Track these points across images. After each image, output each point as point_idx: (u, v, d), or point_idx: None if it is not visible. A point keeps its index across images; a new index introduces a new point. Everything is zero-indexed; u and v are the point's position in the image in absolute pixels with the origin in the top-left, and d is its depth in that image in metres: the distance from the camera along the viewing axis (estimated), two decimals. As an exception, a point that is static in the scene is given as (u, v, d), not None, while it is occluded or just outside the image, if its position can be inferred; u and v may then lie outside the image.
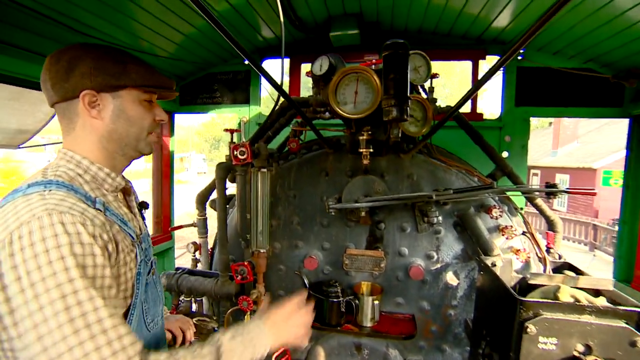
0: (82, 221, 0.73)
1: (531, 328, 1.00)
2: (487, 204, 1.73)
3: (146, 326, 0.96)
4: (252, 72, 2.82)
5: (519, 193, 1.97)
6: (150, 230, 3.05)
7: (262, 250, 1.69)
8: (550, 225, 1.92)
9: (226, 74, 2.86)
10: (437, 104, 1.95)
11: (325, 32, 2.36)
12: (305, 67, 2.77)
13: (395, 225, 1.84)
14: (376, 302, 1.74)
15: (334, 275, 1.88)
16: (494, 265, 1.46)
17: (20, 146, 2.61)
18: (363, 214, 1.61)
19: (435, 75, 1.88)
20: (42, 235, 0.68)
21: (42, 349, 0.64)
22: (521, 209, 1.96)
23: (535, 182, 18.44)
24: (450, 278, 1.79)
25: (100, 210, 0.83)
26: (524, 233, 1.74)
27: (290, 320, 1.04)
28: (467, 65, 2.67)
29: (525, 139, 2.49)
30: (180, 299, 1.90)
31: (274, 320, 1.00)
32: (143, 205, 1.19)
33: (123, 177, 1.03)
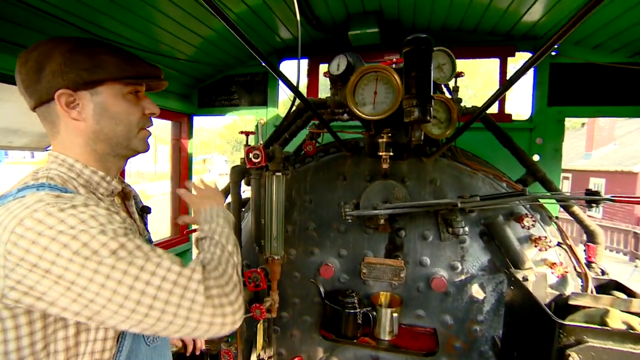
0: (93, 202, 0.71)
1: (574, 357, 0.88)
2: (518, 212, 1.59)
3: (145, 340, 0.89)
4: (269, 74, 2.80)
5: (554, 201, 1.81)
6: (168, 232, 3.09)
7: (276, 257, 1.64)
8: (590, 236, 1.74)
9: (244, 76, 2.84)
10: (462, 104, 1.84)
11: (344, 31, 2.30)
12: (324, 68, 2.71)
13: (416, 233, 1.74)
14: (395, 314, 1.64)
15: (351, 284, 1.80)
16: (525, 279, 1.33)
17: (48, 148, 2.70)
18: (382, 221, 1.53)
19: (460, 74, 1.77)
20: (57, 217, 0.64)
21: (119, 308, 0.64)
22: (556, 217, 1.80)
23: (565, 186, 17.53)
24: (475, 291, 1.67)
25: None
26: (559, 244, 1.59)
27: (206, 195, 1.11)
28: (492, 65, 2.53)
29: (559, 141, 2.31)
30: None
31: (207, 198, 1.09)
32: (145, 210, 1.11)
33: (122, 180, 0.97)
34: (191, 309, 0.67)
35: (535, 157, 2.29)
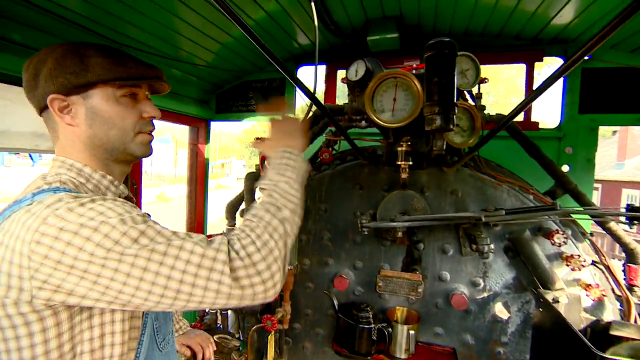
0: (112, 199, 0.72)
1: (616, 396, 0.78)
2: (548, 227, 1.48)
3: (157, 346, 0.89)
4: (287, 80, 2.79)
5: (588, 216, 1.68)
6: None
7: (289, 267, 1.60)
8: (630, 255, 1.56)
9: (261, 82, 2.85)
10: (486, 111, 1.75)
11: (362, 36, 2.26)
12: (342, 74, 2.67)
13: (435, 247, 1.65)
14: (412, 331, 1.56)
15: (366, 297, 1.73)
16: (556, 301, 1.23)
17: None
18: (400, 234, 1.46)
19: (484, 80, 1.69)
20: (77, 212, 0.65)
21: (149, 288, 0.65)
22: (590, 234, 1.67)
23: (595, 197, 16.65)
24: (499, 310, 1.56)
25: None
26: (594, 263, 1.47)
27: (284, 132, 1.05)
28: (515, 71, 2.41)
29: (591, 151, 2.17)
30: (206, 310, 1.86)
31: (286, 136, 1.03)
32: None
33: (124, 186, 0.96)
34: (218, 290, 0.68)
35: (565, 168, 2.16)
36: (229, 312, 1.88)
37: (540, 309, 1.22)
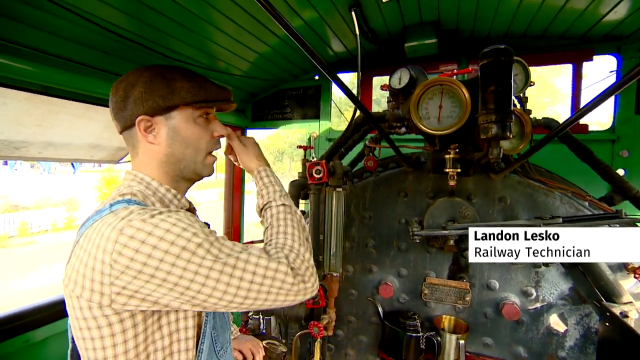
0: (181, 212, 0.76)
1: None
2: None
3: (216, 354, 0.93)
4: (322, 87, 2.82)
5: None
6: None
7: (334, 274, 1.62)
8: None
9: (296, 90, 2.90)
10: (532, 115, 1.70)
11: (399, 43, 2.25)
12: (377, 80, 2.68)
13: (483, 254, 1.61)
14: (462, 341, 1.53)
15: (411, 305, 1.72)
16: (624, 315, 1.17)
17: (120, 161, 2.96)
18: (452, 242, 1.44)
19: (531, 83, 1.64)
20: (151, 223, 0.69)
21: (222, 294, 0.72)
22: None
23: None
24: (554, 322, 1.50)
25: None
26: (662, 275, 1.38)
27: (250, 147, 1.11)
28: (547, 69, 2.30)
29: (650, 154, 2.04)
30: (250, 315, 1.90)
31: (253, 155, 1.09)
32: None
33: (186, 199, 1.01)
34: (281, 288, 0.77)
35: (620, 172, 2.04)
36: (272, 317, 1.91)
37: (607, 324, 1.17)
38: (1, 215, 14.37)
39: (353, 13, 1.89)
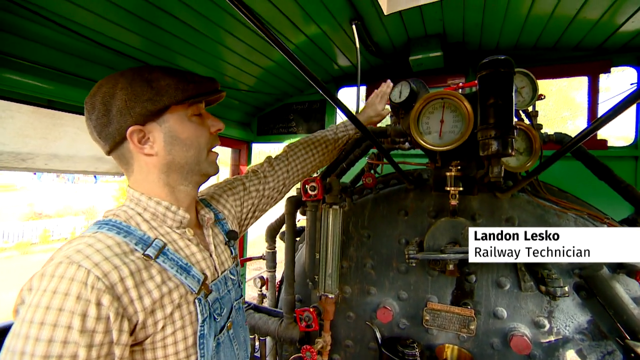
0: (84, 279, 0.62)
1: None
2: (632, 264, 1.28)
3: None
4: (327, 102, 2.80)
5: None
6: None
7: (330, 296, 1.53)
8: None
9: (302, 104, 2.89)
10: (543, 130, 1.60)
11: (403, 56, 2.21)
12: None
13: (489, 279, 1.50)
14: (466, 374, 1.41)
15: (412, 331, 1.61)
16: (650, 356, 1.03)
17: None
18: (451, 267, 1.34)
19: (540, 97, 1.55)
20: (46, 286, 0.62)
21: None
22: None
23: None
24: (572, 359, 1.36)
25: (150, 257, 0.72)
26: (693, 309, 1.23)
27: None
28: (566, 83, 2.20)
29: (677, 172, 1.89)
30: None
31: None
32: (231, 236, 0.99)
33: (202, 206, 0.93)
34: None
35: (644, 192, 1.89)
36: (267, 338, 1.84)
37: (630, 365, 1.03)
38: (26, 222, 14.98)
39: (354, 27, 1.86)
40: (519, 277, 1.44)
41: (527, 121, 1.63)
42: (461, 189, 1.35)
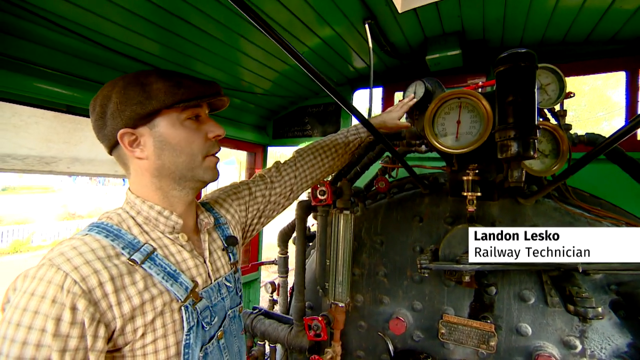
0: (61, 282, 0.62)
1: None
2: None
3: None
4: (342, 104, 2.76)
5: None
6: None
7: (340, 304, 1.48)
8: None
9: (317, 107, 2.86)
10: (572, 131, 1.48)
11: (420, 56, 2.13)
12: (400, 96, 2.55)
13: (512, 292, 1.39)
14: (485, 395, 1.30)
15: (426, 345, 1.51)
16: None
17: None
18: (467, 278, 1.25)
19: (569, 95, 1.43)
20: (27, 287, 0.63)
21: None
22: None
23: None
24: (607, 384, 1.22)
25: (136, 262, 0.71)
26: None
27: None
28: (601, 81, 2.03)
29: None
30: (255, 341, 1.81)
31: None
32: (230, 241, 0.97)
33: (203, 210, 0.91)
34: None
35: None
36: (278, 346, 1.80)
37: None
38: (61, 222, 15.88)
39: (367, 27, 1.81)
40: (545, 290, 1.32)
41: (553, 121, 1.51)
42: (479, 194, 1.26)
